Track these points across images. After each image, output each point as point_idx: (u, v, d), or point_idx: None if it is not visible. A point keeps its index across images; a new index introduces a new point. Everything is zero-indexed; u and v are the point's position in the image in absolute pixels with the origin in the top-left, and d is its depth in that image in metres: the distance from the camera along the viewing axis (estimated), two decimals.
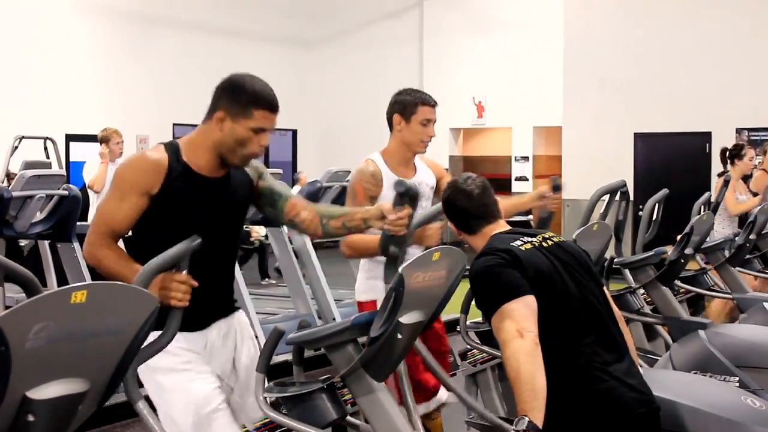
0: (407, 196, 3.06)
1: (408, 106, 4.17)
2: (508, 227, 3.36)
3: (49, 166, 11.81)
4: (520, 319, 2.89)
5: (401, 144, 4.21)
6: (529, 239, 3.19)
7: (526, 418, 2.72)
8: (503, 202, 4.52)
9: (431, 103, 4.20)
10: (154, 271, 2.59)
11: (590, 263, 3.35)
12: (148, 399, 2.84)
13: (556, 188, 4.18)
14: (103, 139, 8.89)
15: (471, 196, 3.34)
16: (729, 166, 8.56)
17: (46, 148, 12.64)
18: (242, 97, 2.98)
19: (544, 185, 4.27)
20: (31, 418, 1.94)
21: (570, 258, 3.24)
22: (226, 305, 3.20)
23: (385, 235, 3.09)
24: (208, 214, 3.03)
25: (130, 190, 2.96)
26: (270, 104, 3.02)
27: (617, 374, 3.03)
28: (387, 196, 4.09)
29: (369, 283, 4.18)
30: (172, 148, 3.04)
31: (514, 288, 2.98)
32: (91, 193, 8.68)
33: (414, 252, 3.71)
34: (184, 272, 2.72)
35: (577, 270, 3.22)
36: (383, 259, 4.08)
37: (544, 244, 3.21)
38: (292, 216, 3.25)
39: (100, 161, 8.76)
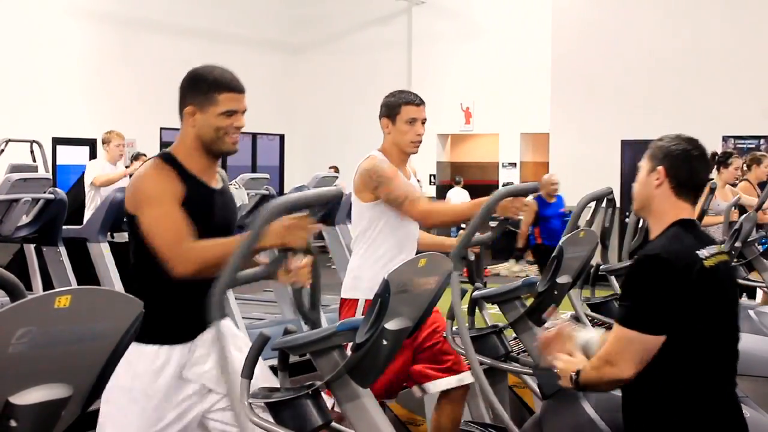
0: (285, 251, 2.83)
1: (392, 107, 4.19)
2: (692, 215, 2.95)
3: (35, 169, 11.76)
4: (623, 354, 2.72)
5: (393, 145, 4.24)
6: (714, 251, 2.83)
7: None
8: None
9: (415, 102, 4.19)
10: (286, 207, 2.55)
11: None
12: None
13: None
14: (104, 141, 9.26)
15: (708, 168, 3.02)
16: (715, 172, 8.60)
17: (32, 152, 12.59)
18: (203, 85, 3.02)
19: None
20: (13, 423, 1.93)
21: (732, 284, 2.99)
22: None
23: (295, 290, 2.92)
24: (214, 223, 3.01)
25: (170, 199, 2.91)
26: (231, 86, 3.04)
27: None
28: None
29: (353, 282, 4.19)
30: (168, 160, 3.02)
31: (651, 322, 2.70)
32: (87, 190, 8.80)
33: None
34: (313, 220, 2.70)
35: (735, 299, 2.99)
36: (376, 257, 4.09)
37: (723, 258, 2.87)
38: None
39: (105, 165, 9.02)
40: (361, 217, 4.19)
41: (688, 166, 2.87)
